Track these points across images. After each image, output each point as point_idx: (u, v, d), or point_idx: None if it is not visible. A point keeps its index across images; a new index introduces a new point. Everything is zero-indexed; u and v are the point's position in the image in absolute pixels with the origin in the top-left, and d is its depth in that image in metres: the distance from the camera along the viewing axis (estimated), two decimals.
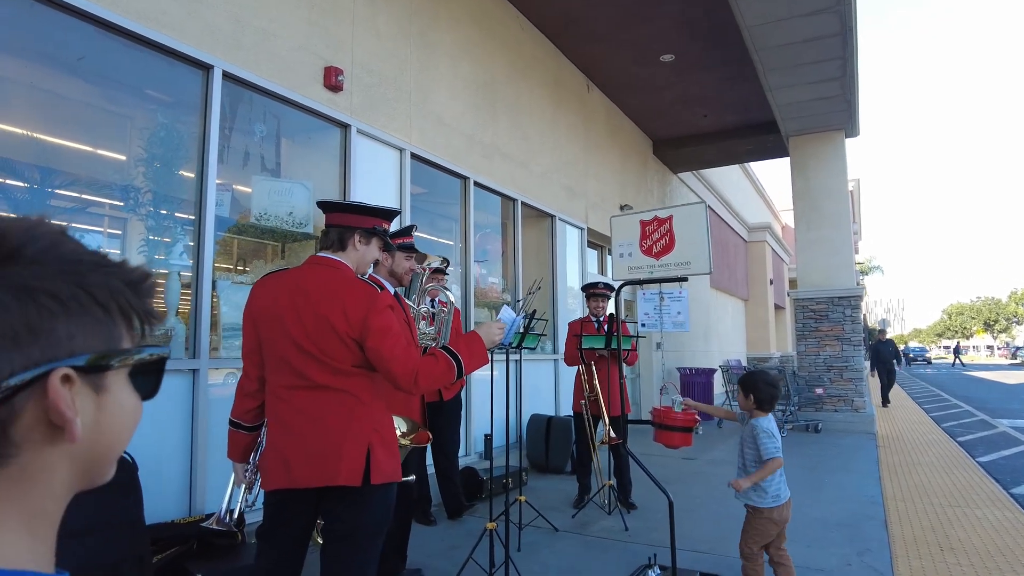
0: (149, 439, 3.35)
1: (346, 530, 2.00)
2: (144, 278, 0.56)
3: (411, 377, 1.99)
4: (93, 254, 0.53)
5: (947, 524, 4.57)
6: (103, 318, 0.52)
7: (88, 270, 0.51)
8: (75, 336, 0.49)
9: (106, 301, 0.52)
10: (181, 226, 3.84)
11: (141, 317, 0.55)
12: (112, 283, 0.52)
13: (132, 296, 0.54)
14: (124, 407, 0.55)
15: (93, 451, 0.53)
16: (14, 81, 3.18)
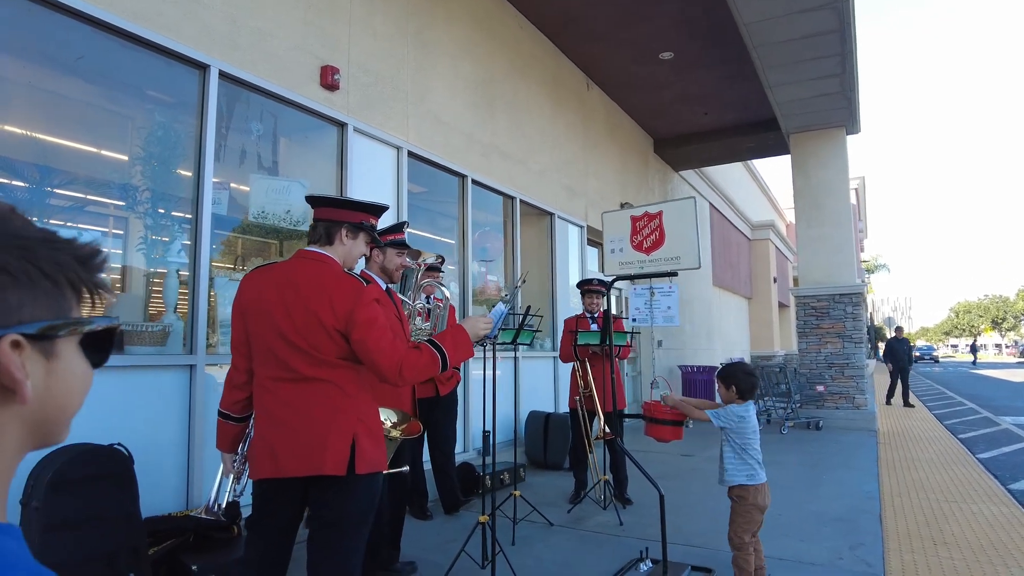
0: (147, 433, 3.40)
1: (332, 518, 2.04)
2: (93, 254, 0.59)
3: (396, 369, 2.03)
4: (42, 231, 0.56)
5: (942, 519, 4.58)
6: (52, 290, 0.55)
7: (37, 245, 0.54)
8: (24, 305, 0.53)
9: (54, 274, 0.55)
10: (179, 224, 3.89)
11: (91, 289, 0.59)
12: (61, 258, 0.56)
13: (81, 270, 0.57)
14: (74, 373, 0.58)
15: (44, 413, 0.56)
16: (13, 81, 3.23)
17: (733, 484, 3.15)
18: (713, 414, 3.16)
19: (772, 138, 11.00)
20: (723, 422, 3.13)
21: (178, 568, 3.12)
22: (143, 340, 3.62)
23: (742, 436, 3.12)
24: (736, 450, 3.14)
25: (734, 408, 3.15)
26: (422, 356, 2.09)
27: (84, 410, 2.21)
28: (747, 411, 3.15)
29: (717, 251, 15.79)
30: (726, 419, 3.13)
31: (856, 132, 10.28)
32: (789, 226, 25.07)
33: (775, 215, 24.12)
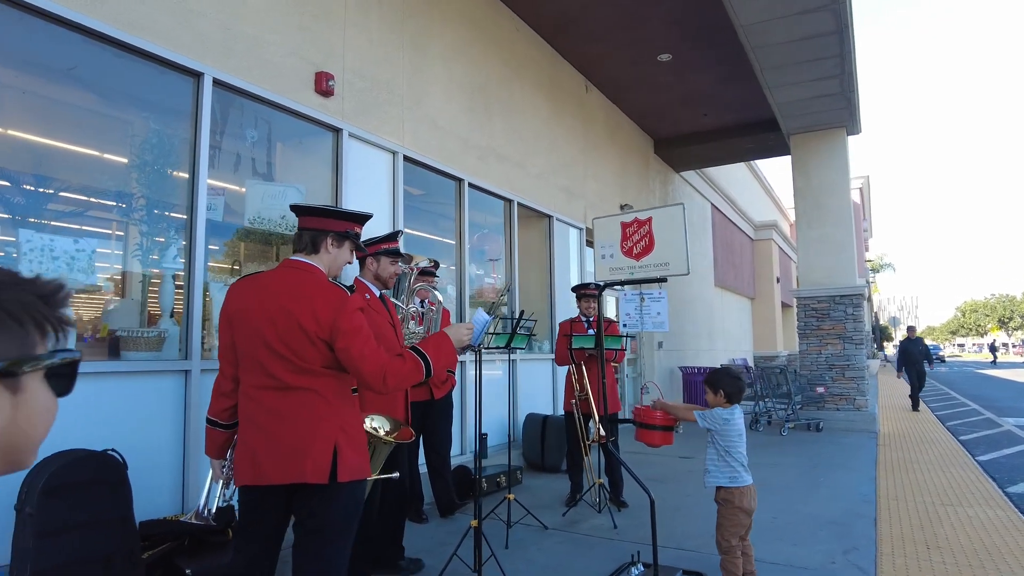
0: (142, 438, 3.43)
1: (315, 525, 2.06)
2: (56, 290, 0.63)
3: (380, 376, 2.05)
4: (7, 274, 0.60)
5: (936, 522, 4.58)
6: (16, 329, 0.59)
7: (2, 289, 0.58)
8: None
9: (19, 314, 0.59)
10: (174, 229, 3.93)
11: (54, 325, 0.62)
12: (24, 298, 0.60)
13: (44, 308, 0.61)
14: (38, 405, 0.62)
15: (11, 443, 0.61)
16: (8, 87, 3.26)
17: (714, 485, 3.21)
18: (699, 415, 3.22)
19: (772, 139, 10.99)
20: (708, 423, 3.18)
21: (173, 571, 3.16)
22: (139, 346, 3.65)
23: (726, 438, 3.16)
24: (719, 452, 3.18)
25: (719, 411, 3.18)
26: (405, 363, 2.12)
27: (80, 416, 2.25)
28: (732, 414, 3.18)
29: (719, 251, 15.78)
30: (711, 421, 3.17)
31: (857, 133, 10.26)
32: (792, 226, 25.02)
33: (778, 215, 24.09)
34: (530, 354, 7.30)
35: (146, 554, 3.11)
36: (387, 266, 3.41)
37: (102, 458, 2.91)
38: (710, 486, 3.24)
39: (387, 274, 3.42)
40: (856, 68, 8.22)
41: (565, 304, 7.95)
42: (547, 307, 7.79)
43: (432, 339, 2.26)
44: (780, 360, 17.76)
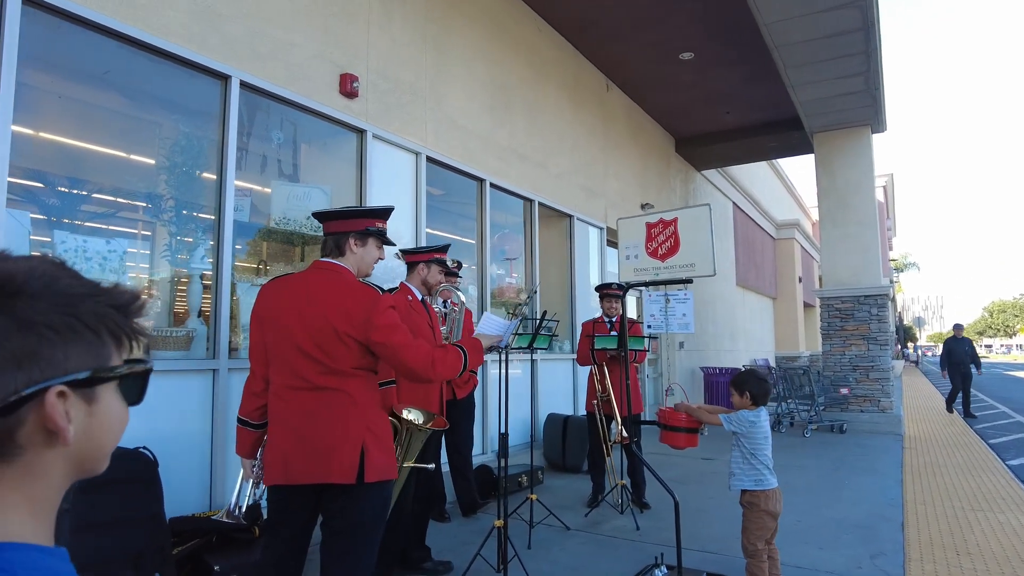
0: (171, 436, 3.49)
1: (342, 526, 2.09)
2: (131, 300, 0.65)
3: (428, 363, 2.10)
4: (85, 285, 0.62)
5: (966, 528, 4.50)
6: (93, 340, 0.61)
7: (80, 301, 0.60)
8: (69, 358, 0.59)
9: (96, 326, 0.61)
10: (202, 230, 3.99)
11: (129, 335, 0.65)
12: (101, 310, 0.62)
13: (120, 318, 0.63)
14: (112, 414, 0.65)
15: (85, 451, 0.63)
16: (45, 92, 3.34)
17: (739, 489, 3.18)
18: (724, 418, 3.19)
19: (796, 137, 10.86)
20: (734, 426, 3.15)
21: (201, 567, 3.20)
22: (168, 345, 3.72)
23: (752, 441, 3.13)
24: (745, 455, 3.15)
25: (745, 413, 3.15)
26: (448, 353, 2.20)
27: None
28: (758, 416, 3.15)
29: (741, 251, 15.63)
30: (737, 423, 3.14)
31: (882, 131, 10.10)
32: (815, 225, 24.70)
33: (800, 214, 23.80)
34: (551, 354, 7.29)
35: (176, 550, 3.16)
36: (436, 274, 3.63)
37: (135, 456, 2.97)
38: (735, 489, 3.21)
39: (434, 281, 3.64)
40: (882, 65, 8.09)
41: (585, 304, 7.94)
42: (567, 307, 7.78)
43: (466, 340, 2.36)
44: (802, 361, 17.56)
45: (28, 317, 0.57)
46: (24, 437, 0.58)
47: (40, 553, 0.57)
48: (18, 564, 0.54)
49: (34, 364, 0.57)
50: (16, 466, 0.58)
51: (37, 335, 0.57)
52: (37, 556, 0.56)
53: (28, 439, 0.58)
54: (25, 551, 0.56)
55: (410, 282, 3.64)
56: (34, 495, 0.59)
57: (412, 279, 3.65)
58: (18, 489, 0.58)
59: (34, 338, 0.57)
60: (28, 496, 0.59)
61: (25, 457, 0.58)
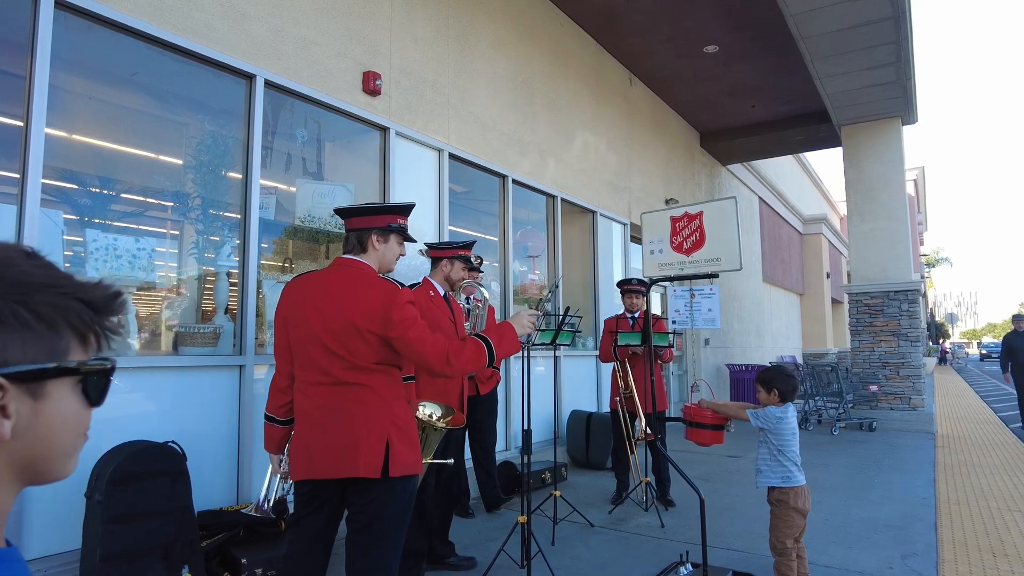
0: (199, 431, 3.55)
1: (367, 520, 2.10)
2: (106, 297, 0.61)
3: (443, 358, 2.09)
4: (49, 276, 0.58)
5: (1003, 529, 4.39)
6: (46, 333, 0.57)
7: (35, 290, 0.56)
8: (8, 348, 0.55)
9: (51, 318, 0.57)
10: (228, 228, 4.04)
11: (96, 332, 0.61)
12: (62, 302, 0.58)
13: (88, 313, 0.59)
14: (64, 413, 0.60)
15: (32, 451, 0.58)
16: (76, 94, 3.41)
17: (766, 486, 3.14)
18: (752, 414, 3.14)
19: (823, 130, 10.67)
20: (761, 422, 3.10)
21: (229, 560, 3.26)
22: (195, 341, 3.77)
23: (779, 437, 3.08)
24: (772, 452, 3.11)
25: (772, 409, 3.10)
26: (467, 346, 2.16)
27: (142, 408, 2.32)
28: (786, 413, 3.10)
29: (767, 246, 15.42)
30: (764, 420, 3.10)
31: (913, 122, 9.88)
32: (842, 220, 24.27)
33: (828, 208, 23.41)
34: (574, 351, 7.27)
35: (204, 543, 3.21)
36: (459, 271, 3.65)
37: (164, 450, 3.02)
38: (762, 487, 3.17)
39: (457, 278, 3.65)
40: (913, 54, 7.90)
41: (609, 300, 7.89)
42: (591, 303, 7.74)
43: (494, 327, 2.29)
44: (830, 358, 17.27)
45: None
46: None
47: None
48: None
49: None
50: None
51: None
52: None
53: None
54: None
55: (433, 278, 3.65)
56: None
57: (435, 275, 3.66)
58: None
59: None
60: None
61: None
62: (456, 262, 3.63)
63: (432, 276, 3.67)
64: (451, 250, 3.66)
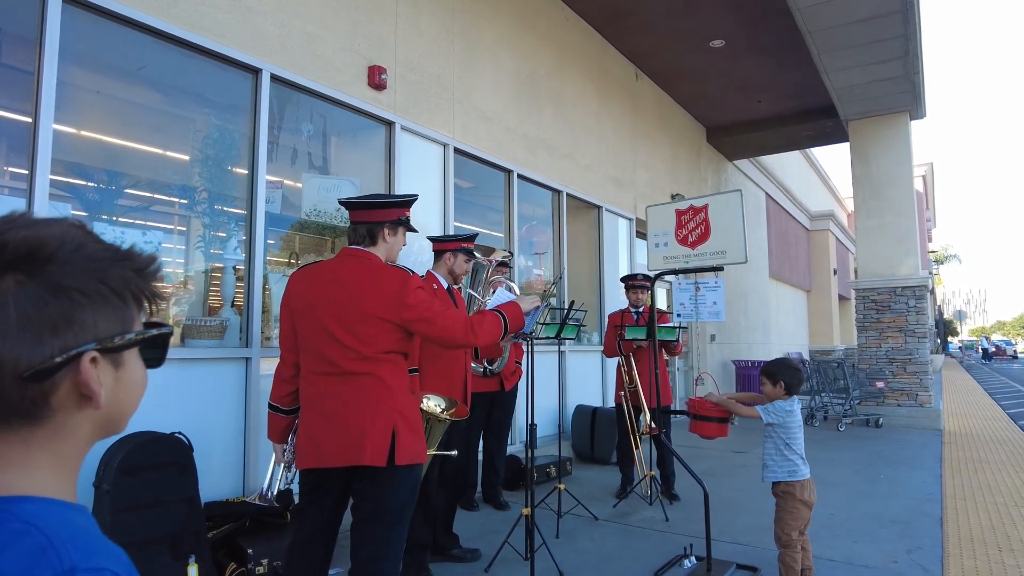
0: (206, 423, 3.57)
1: (372, 508, 2.11)
2: (149, 263, 0.66)
3: (466, 328, 2.16)
4: (109, 249, 0.63)
5: (1009, 524, 4.37)
6: (120, 305, 0.62)
7: (108, 266, 0.61)
8: (99, 323, 0.60)
9: (122, 290, 0.62)
10: (235, 222, 4.06)
11: (149, 298, 0.66)
12: (126, 274, 0.62)
13: (141, 281, 0.64)
14: (135, 378, 0.66)
15: (111, 413, 0.65)
16: (83, 89, 3.43)
17: (773, 480, 3.13)
18: (763, 410, 3.13)
19: (830, 125, 10.61)
20: (773, 417, 3.10)
21: (235, 550, 3.28)
22: (202, 334, 3.80)
23: (788, 431, 3.08)
24: (779, 446, 3.10)
25: (781, 404, 3.10)
26: (485, 317, 2.24)
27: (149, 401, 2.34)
28: (793, 406, 3.11)
29: (774, 242, 15.36)
30: (776, 414, 3.09)
31: (921, 117, 9.81)
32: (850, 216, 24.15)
33: (835, 205, 23.30)
34: (579, 346, 7.27)
35: (211, 533, 3.24)
36: (462, 263, 3.65)
37: (171, 441, 3.04)
38: (768, 481, 3.17)
39: (460, 271, 3.66)
40: (922, 48, 7.84)
41: (614, 296, 7.88)
42: (596, 299, 7.74)
43: (502, 305, 2.38)
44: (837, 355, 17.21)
45: (61, 283, 0.57)
46: (57, 401, 0.59)
47: (60, 506, 0.59)
48: (38, 515, 0.56)
49: (68, 329, 0.58)
50: (47, 427, 0.59)
51: (70, 300, 0.58)
52: (60, 510, 0.58)
53: (60, 403, 0.59)
54: (46, 504, 0.58)
55: (436, 270, 3.65)
56: (59, 454, 0.61)
57: (439, 268, 3.66)
58: (45, 448, 0.60)
59: (67, 303, 0.57)
60: (54, 454, 0.61)
61: (56, 419, 0.60)
62: (459, 255, 3.63)
63: (435, 269, 3.68)
64: (453, 243, 3.67)
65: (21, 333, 0.56)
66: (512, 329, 2.33)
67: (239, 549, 3.26)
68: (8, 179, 3.30)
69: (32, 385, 0.57)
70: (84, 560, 0.53)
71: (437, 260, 3.69)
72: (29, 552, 0.52)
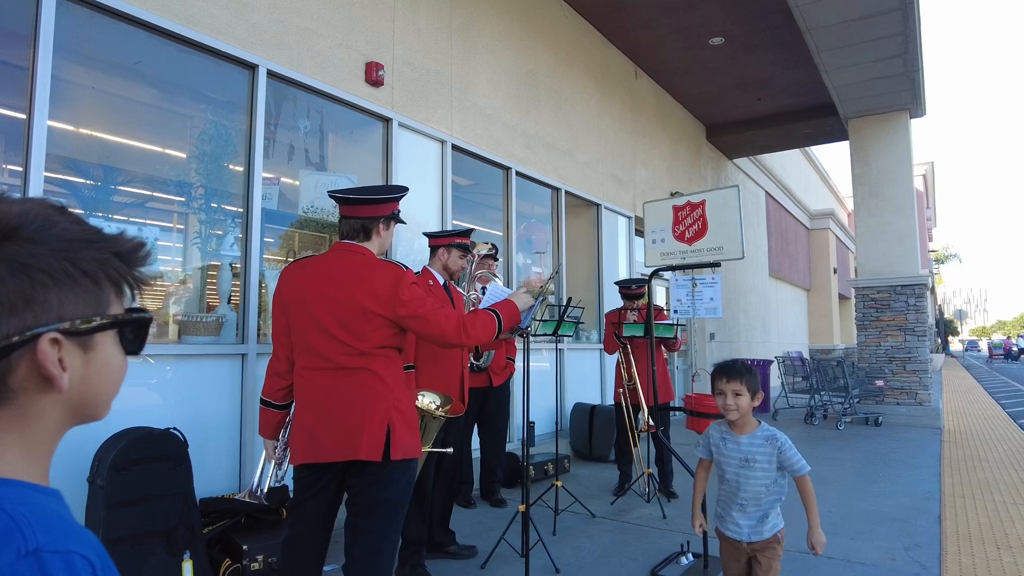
0: (202, 419, 3.56)
1: (367, 503, 2.10)
2: (135, 248, 0.64)
3: (459, 327, 2.13)
4: (85, 230, 0.60)
5: (1007, 521, 4.36)
6: (91, 287, 0.60)
7: (79, 247, 0.59)
8: (64, 304, 0.58)
9: (94, 273, 0.60)
10: (231, 219, 4.05)
11: (130, 284, 0.64)
12: (102, 256, 0.60)
13: (121, 266, 0.62)
14: (110, 363, 0.64)
15: (83, 397, 0.62)
16: (78, 85, 3.42)
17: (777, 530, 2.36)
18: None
19: (830, 123, 10.59)
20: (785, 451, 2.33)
21: (230, 546, 3.27)
22: (198, 330, 3.79)
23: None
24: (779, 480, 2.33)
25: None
26: (478, 316, 2.21)
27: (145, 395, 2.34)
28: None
29: (774, 241, 15.35)
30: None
31: (921, 115, 9.79)
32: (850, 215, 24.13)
33: (835, 203, 23.28)
34: (577, 343, 7.26)
35: (206, 529, 3.23)
36: (456, 259, 3.64)
37: (165, 436, 3.03)
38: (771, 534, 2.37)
39: (455, 267, 3.65)
40: (921, 46, 7.82)
41: (613, 294, 7.86)
42: (595, 297, 7.73)
43: (497, 303, 2.35)
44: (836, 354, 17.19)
45: (22, 261, 0.55)
46: (16, 382, 0.57)
47: (31, 490, 0.57)
48: (4, 496, 0.54)
49: (27, 309, 0.56)
50: (9, 408, 0.58)
51: (30, 279, 0.56)
52: (28, 492, 0.57)
53: (20, 384, 0.57)
54: (16, 487, 0.56)
55: (432, 267, 3.64)
56: (28, 437, 0.60)
57: (434, 264, 3.65)
58: (11, 431, 0.58)
59: (27, 282, 0.55)
60: (22, 437, 0.59)
61: (19, 401, 0.58)
62: (453, 250, 3.62)
63: (431, 265, 3.67)
64: (447, 238, 3.65)
65: None
66: (507, 327, 2.31)
67: (234, 545, 3.25)
68: (4, 176, 3.29)
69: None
70: (51, 542, 0.52)
71: (432, 256, 3.69)
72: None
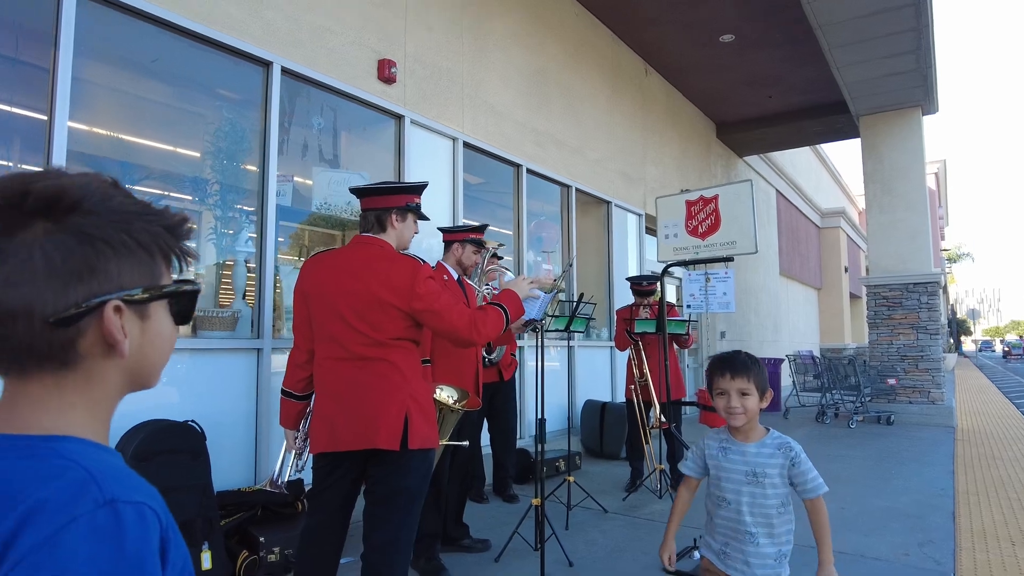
0: (218, 413, 3.60)
1: (385, 492, 2.13)
2: (181, 222, 0.67)
3: (471, 325, 2.15)
4: (138, 204, 0.64)
5: (1022, 518, 4.33)
6: (145, 258, 0.63)
7: (134, 219, 0.62)
8: (123, 274, 0.61)
9: (148, 244, 0.63)
10: (246, 216, 4.09)
11: (178, 256, 0.67)
12: (153, 228, 0.64)
13: (170, 239, 0.66)
14: (163, 332, 0.68)
15: (139, 364, 0.66)
16: (96, 84, 3.47)
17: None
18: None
19: (841, 121, 10.54)
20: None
21: (247, 539, 3.31)
22: (214, 325, 3.83)
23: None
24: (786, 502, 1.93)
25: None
26: (488, 313, 2.24)
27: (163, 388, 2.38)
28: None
29: (785, 240, 15.29)
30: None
31: (933, 112, 9.72)
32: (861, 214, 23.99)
33: (846, 202, 23.14)
34: (588, 340, 7.27)
35: (223, 522, 3.27)
36: (470, 254, 3.66)
37: (184, 429, 3.07)
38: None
39: (469, 262, 3.67)
40: (934, 42, 7.77)
41: (623, 291, 7.86)
42: (605, 294, 7.73)
43: (502, 294, 2.37)
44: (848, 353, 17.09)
45: (87, 231, 0.58)
46: (84, 347, 0.60)
47: (95, 448, 0.61)
48: (77, 452, 0.58)
49: (92, 278, 0.59)
50: (78, 373, 0.61)
51: (95, 249, 0.59)
52: (93, 449, 0.60)
53: (88, 349, 0.61)
54: (84, 443, 0.60)
55: (446, 261, 3.67)
56: (92, 399, 0.63)
57: (448, 259, 3.68)
58: (79, 392, 0.62)
59: (92, 252, 0.59)
60: (88, 399, 0.63)
61: (86, 364, 0.61)
62: (467, 245, 3.65)
63: (445, 260, 3.70)
64: (462, 233, 3.69)
65: (48, 280, 0.57)
66: (513, 318, 2.33)
67: (251, 537, 3.29)
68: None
69: (59, 331, 0.58)
70: (124, 494, 0.55)
71: (446, 251, 3.72)
72: (71, 483, 0.54)
